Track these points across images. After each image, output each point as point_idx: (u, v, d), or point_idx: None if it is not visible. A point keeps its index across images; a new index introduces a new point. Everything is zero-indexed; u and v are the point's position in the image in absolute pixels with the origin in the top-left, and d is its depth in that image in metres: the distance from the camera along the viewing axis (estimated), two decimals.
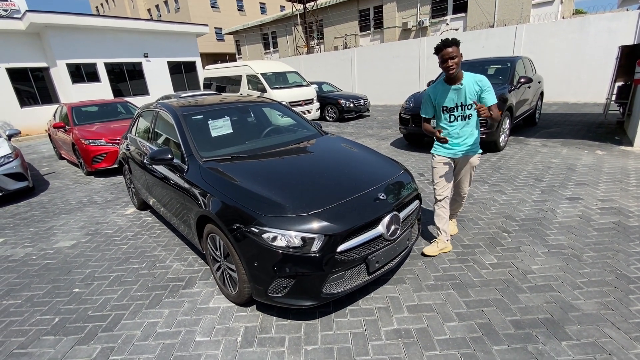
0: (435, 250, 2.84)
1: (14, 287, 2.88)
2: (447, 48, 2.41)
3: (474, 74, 2.58)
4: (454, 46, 2.41)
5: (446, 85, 2.60)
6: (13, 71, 12.76)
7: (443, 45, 2.42)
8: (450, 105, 2.61)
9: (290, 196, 2.17)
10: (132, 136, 4.14)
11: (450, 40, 2.43)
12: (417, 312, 2.21)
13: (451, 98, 2.59)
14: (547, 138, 6.45)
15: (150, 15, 36.60)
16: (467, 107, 2.57)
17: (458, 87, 2.54)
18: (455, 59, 2.42)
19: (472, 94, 2.54)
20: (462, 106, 2.59)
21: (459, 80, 2.53)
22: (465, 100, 2.56)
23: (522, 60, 6.75)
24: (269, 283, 2.02)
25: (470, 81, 2.54)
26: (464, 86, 2.53)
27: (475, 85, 2.54)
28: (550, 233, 3.07)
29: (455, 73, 2.48)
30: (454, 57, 2.41)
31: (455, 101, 2.59)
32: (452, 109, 2.62)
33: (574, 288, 2.32)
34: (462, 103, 2.58)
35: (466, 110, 2.59)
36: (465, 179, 2.85)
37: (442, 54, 2.44)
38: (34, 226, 4.22)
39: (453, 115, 2.63)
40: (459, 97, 2.57)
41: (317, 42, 23.03)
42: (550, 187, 4.10)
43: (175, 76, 16.83)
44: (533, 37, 10.81)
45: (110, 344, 2.13)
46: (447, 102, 2.62)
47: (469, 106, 2.57)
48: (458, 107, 2.60)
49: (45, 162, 8.20)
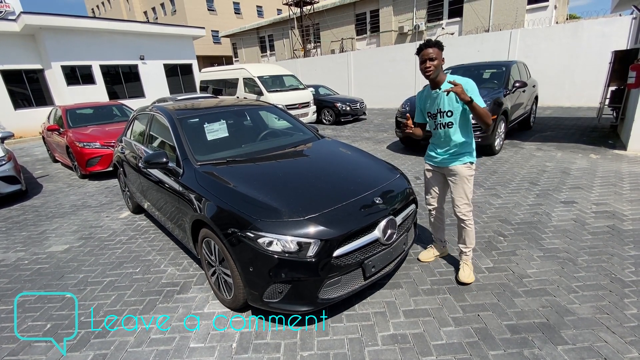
0: (430, 257, 2.83)
1: (6, 292, 2.83)
2: (428, 49, 2.22)
3: (459, 77, 2.30)
4: (435, 48, 2.21)
5: (429, 91, 2.41)
6: (7, 73, 12.64)
7: (424, 46, 2.24)
8: (433, 111, 2.40)
9: (286, 200, 2.15)
10: (127, 139, 4.11)
11: (433, 41, 2.24)
12: (413, 317, 2.20)
13: (432, 104, 2.39)
14: (542, 142, 6.50)
15: (147, 17, 36.53)
16: (446, 113, 2.32)
17: (440, 92, 2.31)
18: (435, 62, 2.21)
19: (452, 100, 2.28)
20: (442, 113, 2.34)
21: (439, 85, 2.32)
22: (444, 106, 2.32)
23: (516, 65, 6.81)
24: (265, 288, 2.00)
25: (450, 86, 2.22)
26: (441, 93, 2.30)
27: None
28: (545, 237, 3.08)
29: (432, 76, 2.26)
30: (433, 58, 2.21)
31: (437, 107, 2.37)
32: (434, 115, 2.40)
33: (570, 292, 2.32)
34: (441, 109, 2.34)
35: (445, 117, 2.33)
36: (456, 193, 2.44)
37: (422, 54, 2.24)
38: (27, 230, 4.16)
39: (435, 121, 2.41)
40: (439, 103, 2.35)
41: (313, 46, 23.12)
42: (545, 191, 4.12)
43: (172, 78, 16.78)
44: (528, 41, 10.93)
45: (103, 351, 2.10)
46: (430, 108, 2.41)
47: (448, 113, 2.31)
48: (439, 114, 2.36)
49: (39, 165, 8.12)
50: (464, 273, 2.51)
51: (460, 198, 2.44)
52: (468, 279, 2.47)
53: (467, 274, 2.50)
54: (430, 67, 2.23)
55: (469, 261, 2.57)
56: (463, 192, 2.43)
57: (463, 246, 2.57)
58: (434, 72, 2.25)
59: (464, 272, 2.52)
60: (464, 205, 2.45)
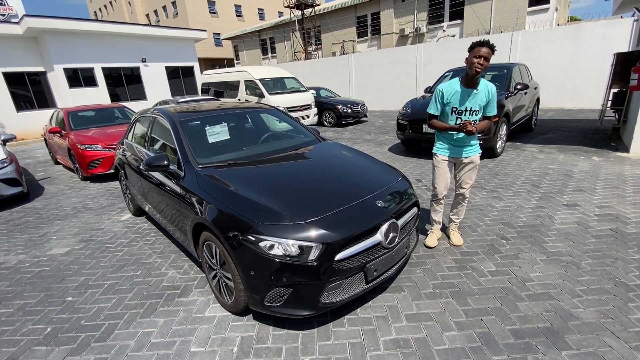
0: (434, 241, 3.07)
1: (6, 295, 2.83)
2: (486, 47, 2.42)
3: (488, 83, 2.62)
4: (490, 50, 2.42)
5: (463, 88, 2.60)
6: (9, 75, 12.71)
7: (482, 44, 2.42)
8: (461, 107, 2.63)
9: (288, 204, 2.14)
10: (128, 142, 4.11)
11: (490, 43, 2.44)
12: (415, 322, 2.18)
13: (463, 101, 2.60)
14: (544, 144, 6.48)
15: (149, 20, 36.71)
16: (475, 112, 2.63)
17: (474, 92, 2.57)
18: (487, 62, 2.43)
19: (482, 102, 2.61)
20: (471, 111, 2.62)
21: (476, 85, 2.57)
22: (475, 105, 2.60)
23: (518, 67, 6.80)
24: (266, 292, 1.99)
25: (484, 89, 2.60)
26: (479, 92, 2.58)
27: (488, 94, 2.61)
28: (548, 240, 3.06)
29: (479, 74, 2.49)
30: (488, 58, 2.41)
31: (466, 105, 2.61)
32: (461, 111, 2.64)
33: (573, 296, 2.30)
34: (472, 108, 2.61)
35: (473, 116, 2.63)
36: (467, 177, 2.86)
37: (480, 51, 2.42)
38: (28, 232, 4.16)
39: (460, 118, 2.65)
40: (471, 101, 2.59)
41: (314, 48, 23.18)
42: (547, 194, 4.10)
43: (173, 81, 16.83)
44: (529, 43, 10.93)
45: (104, 355, 2.09)
46: (458, 104, 2.63)
47: (475, 112, 2.62)
48: (467, 111, 2.62)
49: (41, 167, 8.14)
50: (456, 237, 3.09)
51: (470, 181, 2.89)
52: (460, 242, 3.06)
53: (458, 238, 3.09)
54: (483, 64, 2.43)
55: (457, 228, 3.15)
56: (474, 175, 2.89)
57: (455, 217, 3.11)
58: (482, 70, 2.45)
59: (456, 237, 3.09)
60: (470, 186, 2.93)
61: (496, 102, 2.62)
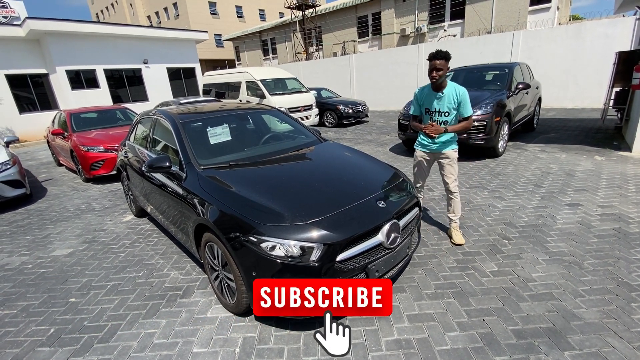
0: (461, 237, 3.13)
1: (10, 296, 2.84)
2: (437, 60, 2.71)
3: (457, 86, 2.86)
4: (443, 60, 2.70)
5: (431, 91, 2.93)
6: (12, 77, 12.78)
7: (434, 57, 2.72)
8: (432, 109, 2.95)
9: (289, 204, 2.15)
10: (130, 143, 4.13)
11: (443, 52, 2.71)
12: (417, 322, 2.18)
13: (433, 103, 2.93)
14: (546, 143, 6.46)
15: (150, 22, 36.83)
16: (444, 113, 2.90)
17: (440, 95, 2.87)
18: (440, 72, 2.72)
19: (450, 104, 2.85)
20: (439, 112, 2.92)
21: (442, 89, 2.86)
22: (443, 107, 2.89)
23: (519, 66, 6.79)
24: None
25: (451, 92, 2.85)
26: (444, 95, 2.85)
27: (455, 97, 2.84)
28: (550, 240, 3.05)
29: (437, 83, 2.81)
30: (440, 69, 2.72)
31: (435, 107, 2.92)
32: (432, 112, 2.96)
33: (576, 296, 2.30)
34: (440, 110, 2.90)
35: (442, 117, 2.92)
36: (447, 172, 3.06)
37: (432, 64, 2.74)
38: (31, 234, 4.18)
39: (432, 117, 2.97)
40: (438, 103, 2.90)
41: (315, 49, 23.19)
42: (549, 193, 4.09)
43: (175, 82, 16.88)
44: (530, 43, 10.90)
45: (106, 356, 2.09)
46: (429, 105, 2.97)
47: (445, 113, 2.90)
48: (436, 112, 2.93)
49: (44, 169, 8.18)
50: (457, 236, 3.12)
51: (451, 175, 3.05)
52: (462, 241, 3.09)
53: (460, 237, 3.12)
54: (436, 76, 2.75)
55: (458, 227, 3.19)
56: (454, 170, 3.05)
57: (453, 215, 3.16)
58: (438, 80, 2.78)
59: (457, 236, 3.13)
60: (453, 181, 3.06)
61: (469, 102, 2.84)
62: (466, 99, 2.82)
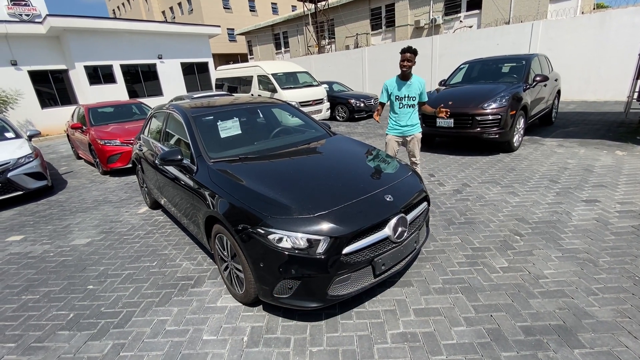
0: None
1: (33, 282, 2.99)
2: (408, 53, 3.42)
3: (418, 77, 3.65)
4: (412, 54, 3.43)
5: (400, 81, 3.63)
6: (34, 73, 13.20)
7: (406, 51, 3.43)
8: (401, 95, 3.61)
9: (297, 197, 2.17)
10: (144, 137, 4.23)
11: (412, 48, 3.44)
12: (424, 316, 2.18)
13: (401, 89, 3.61)
14: (564, 138, 6.26)
15: (165, 17, 37.27)
16: (412, 98, 3.60)
17: (409, 83, 3.59)
18: (411, 63, 3.44)
19: (416, 90, 3.59)
20: (408, 97, 3.60)
21: (409, 78, 3.59)
22: (412, 93, 3.59)
23: (537, 58, 6.57)
24: (275, 284, 2.03)
25: (416, 81, 3.61)
26: (412, 83, 3.59)
27: (419, 85, 3.61)
28: (564, 237, 2.98)
29: (407, 72, 3.52)
30: (410, 61, 3.44)
31: (405, 93, 3.59)
32: (402, 98, 3.62)
33: (589, 294, 2.25)
34: (409, 95, 3.60)
35: (410, 101, 3.61)
36: (414, 149, 3.78)
37: (404, 56, 3.43)
38: (52, 224, 4.36)
39: (402, 102, 3.63)
40: (407, 90, 3.59)
41: (328, 42, 23.00)
42: (565, 189, 3.98)
43: (188, 77, 17.10)
44: (550, 33, 10.51)
45: (121, 340, 2.19)
46: (399, 92, 3.62)
47: (413, 98, 3.60)
48: (405, 97, 3.60)
49: (64, 162, 8.47)
50: None
51: (417, 152, 3.80)
52: None
53: None
54: (407, 66, 3.46)
55: None
56: (419, 148, 3.81)
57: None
58: (407, 70, 3.49)
59: None
60: (418, 154, 3.82)
61: (426, 90, 3.67)
62: (425, 88, 3.66)
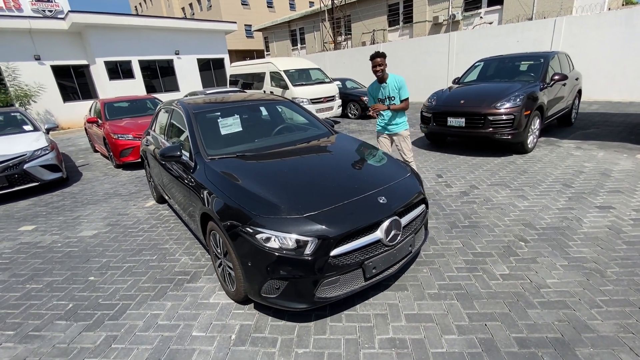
0: None
1: (38, 272, 3.10)
2: (377, 59, 3.54)
3: (395, 76, 3.70)
4: (381, 58, 3.54)
5: (377, 84, 3.79)
6: (57, 68, 13.69)
7: (375, 56, 3.55)
8: (381, 97, 3.78)
9: (287, 197, 2.15)
10: (151, 132, 4.30)
11: (380, 52, 3.58)
12: (415, 322, 2.13)
13: (380, 93, 3.77)
14: (583, 140, 5.98)
15: (184, 13, 37.87)
16: (391, 98, 3.71)
17: (384, 85, 3.72)
18: (382, 67, 3.56)
19: (393, 90, 3.68)
20: (387, 98, 3.73)
21: (385, 80, 3.69)
22: (389, 94, 3.70)
23: (557, 56, 6.28)
24: (262, 283, 2.02)
25: (392, 81, 3.68)
26: (387, 84, 3.69)
27: (396, 84, 3.67)
28: (572, 244, 2.84)
29: (380, 76, 3.63)
30: (381, 64, 3.55)
31: (383, 94, 3.74)
32: (382, 100, 3.78)
33: (592, 307, 2.13)
34: (387, 96, 3.72)
35: (390, 101, 3.72)
36: (403, 147, 3.89)
37: (374, 62, 3.57)
38: (63, 215, 4.51)
39: (383, 104, 3.77)
40: (384, 92, 3.73)
41: (344, 38, 22.81)
42: (579, 194, 3.80)
43: (204, 73, 17.34)
44: (574, 30, 10.04)
45: (114, 333, 2.23)
46: (379, 95, 3.80)
47: (392, 98, 3.70)
48: (386, 99, 3.74)
49: (82, 154, 8.75)
50: None
51: (407, 150, 3.89)
52: None
53: None
54: (379, 70, 3.59)
55: None
56: (408, 146, 3.91)
57: None
58: (381, 73, 3.62)
59: None
60: (408, 152, 3.91)
61: (406, 87, 3.71)
62: (404, 85, 3.68)
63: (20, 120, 6.53)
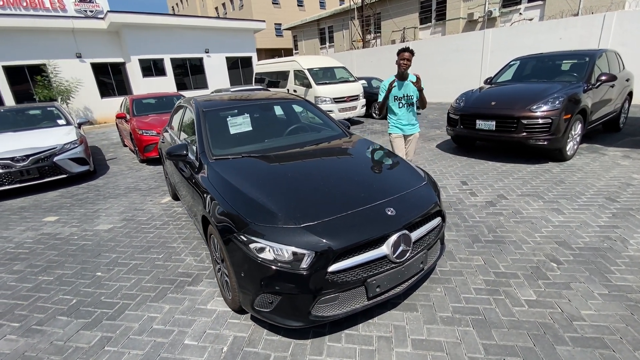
0: None
1: (52, 264, 3.16)
2: (406, 53, 3.45)
3: (413, 76, 3.60)
4: (410, 53, 3.46)
5: (398, 81, 3.62)
6: (96, 65, 14.44)
7: (404, 50, 3.46)
8: (399, 95, 3.63)
9: (286, 204, 2.00)
10: (168, 129, 4.32)
11: (409, 48, 3.49)
12: (422, 349, 1.91)
13: (400, 90, 3.62)
14: (632, 148, 5.37)
15: (217, 12, 38.87)
16: (409, 97, 3.61)
17: (406, 83, 3.59)
18: (409, 62, 3.47)
19: (413, 89, 3.57)
20: (406, 96, 3.62)
21: (406, 78, 3.58)
22: (409, 92, 3.60)
23: (605, 54, 5.68)
24: (255, 296, 1.88)
25: (412, 79, 3.59)
26: (409, 83, 3.58)
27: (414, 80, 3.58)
28: (615, 269, 2.48)
29: (404, 71, 3.52)
30: (409, 59, 3.46)
31: (403, 93, 3.62)
32: (400, 98, 3.63)
33: (636, 348, 1.81)
34: (407, 94, 3.61)
35: (409, 100, 3.62)
36: (411, 147, 3.88)
37: (402, 55, 3.46)
38: (85, 208, 4.65)
39: (401, 102, 3.65)
40: (405, 90, 3.61)
41: (373, 36, 22.35)
42: (625, 210, 3.36)
43: (233, 71, 17.63)
44: (626, 26, 9.13)
45: (109, 334, 2.19)
46: (397, 93, 3.64)
47: (410, 97, 3.61)
48: (404, 97, 3.62)
49: (112, 148, 9.12)
50: None
51: (412, 150, 3.90)
52: None
53: None
54: (406, 64, 3.47)
55: None
56: (415, 147, 3.95)
57: None
58: (405, 69, 3.50)
59: None
60: (413, 155, 3.95)
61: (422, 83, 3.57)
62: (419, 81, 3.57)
63: (56, 114, 6.86)
